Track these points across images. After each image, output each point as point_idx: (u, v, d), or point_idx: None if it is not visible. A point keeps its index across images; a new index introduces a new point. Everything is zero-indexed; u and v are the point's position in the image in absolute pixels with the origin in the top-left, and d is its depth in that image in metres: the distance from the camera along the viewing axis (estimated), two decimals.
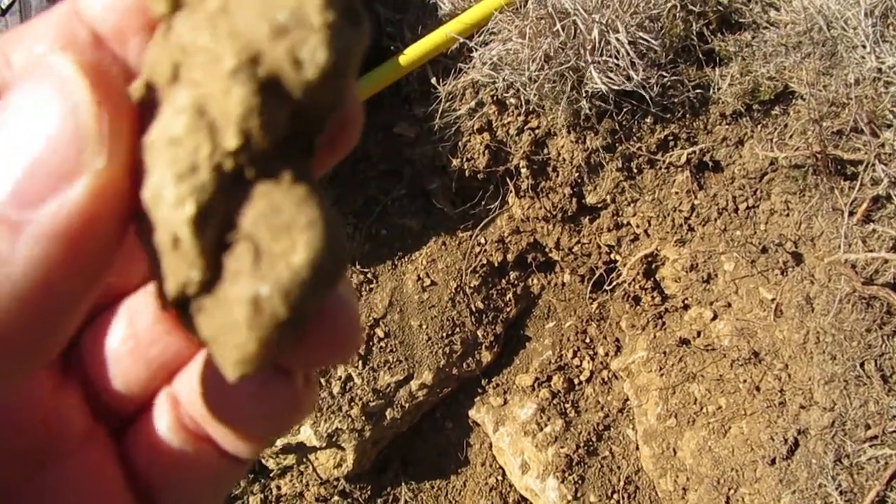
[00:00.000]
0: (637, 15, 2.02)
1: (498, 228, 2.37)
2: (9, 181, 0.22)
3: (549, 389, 2.34)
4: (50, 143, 0.22)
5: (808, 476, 1.85)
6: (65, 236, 0.22)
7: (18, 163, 0.22)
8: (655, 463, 2.14)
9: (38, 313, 0.22)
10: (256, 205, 0.22)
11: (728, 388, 2.09)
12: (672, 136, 2.18)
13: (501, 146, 2.24)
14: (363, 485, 2.41)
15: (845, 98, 1.88)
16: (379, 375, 2.26)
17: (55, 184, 0.22)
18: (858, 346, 1.85)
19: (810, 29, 1.99)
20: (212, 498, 0.33)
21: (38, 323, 0.22)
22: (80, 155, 0.22)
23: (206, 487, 0.33)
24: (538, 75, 2.05)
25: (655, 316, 2.30)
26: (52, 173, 0.22)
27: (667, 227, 2.23)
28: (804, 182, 2.04)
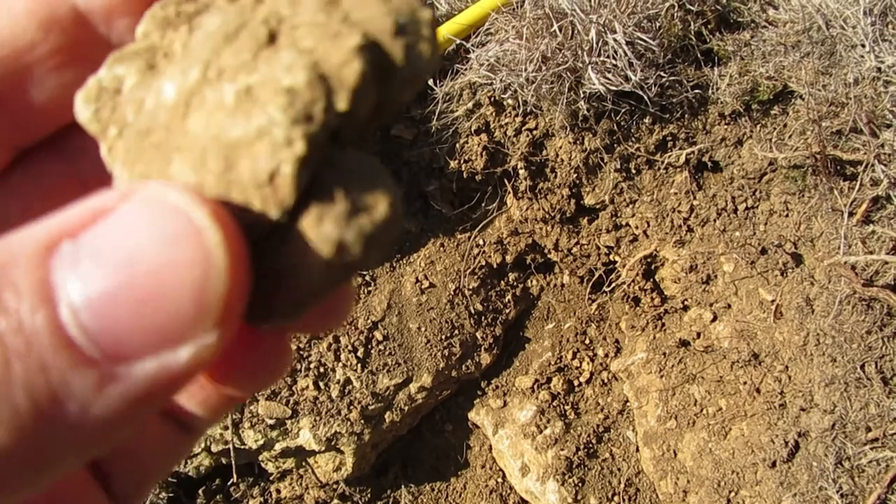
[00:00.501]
0: (635, 15, 2.01)
1: (496, 230, 2.36)
2: (112, 324, 0.20)
3: (549, 391, 2.34)
4: (170, 300, 0.21)
5: (808, 479, 1.84)
6: (149, 397, 0.21)
7: (128, 307, 0.21)
8: (656, 465, 2.13)
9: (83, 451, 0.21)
10: (348, 165, 0.25)
11: (728, 389, 2.08)
12: (671, 136, 2.17)
13: (499, 147, 2.23)
14: (363, 488, 2.40)
15: (844, 98, 1.87)
16: (378, 378, 2.25)
17: (160, 343, 0.21)
18: (859, 348, 1.84)
19: (809, 28, 1.98)
20: (162, 469, 0.33)
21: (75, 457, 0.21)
22: (196, 323, 0.21)
23: (157, 459, 0.33)
24: (536, 76, 2.04)
25: (655, 317, 2.29)
26: (162, 332, 0.21)
27: (666, 227, 2.22)
28: (803, 182, 2.03)
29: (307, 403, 2.20)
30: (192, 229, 0.21)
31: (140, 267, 0.21)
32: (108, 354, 0.20)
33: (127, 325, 0.20)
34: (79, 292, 0.21)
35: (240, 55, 0.25)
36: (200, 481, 2.33)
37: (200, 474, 2.29)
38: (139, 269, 0.21)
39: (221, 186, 0.24)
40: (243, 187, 0.24)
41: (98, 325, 0.20)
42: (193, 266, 0.21)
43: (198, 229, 0.21)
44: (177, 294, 0.21)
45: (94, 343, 0.20)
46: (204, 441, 2.23)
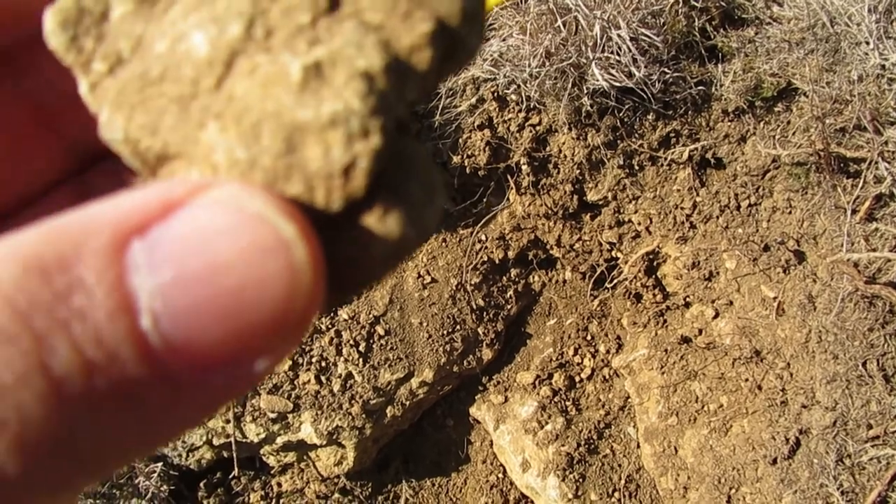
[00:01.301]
0: (639, 11, 2.01)
1: (499, 225, 2.36)
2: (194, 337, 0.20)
3: (550, 387, 2.34)
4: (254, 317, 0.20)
5: (809, 476, 1.84)
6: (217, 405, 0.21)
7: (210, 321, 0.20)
8: (656, 461, 2.14)
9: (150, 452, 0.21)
10: (406, 153, 0.25)
11: (729, 386, 2.08)
12: (674, 132, 2.17)
13: (502, 143, 2.23)
14: (364, 482, 2.41)
15: (848, 95, 1.87)
16: (379, 373, 2.25)
17: (239, 358, 0.20)
18: (861, 346, 1.84)
19: (813, 25, 1.97)
20: None
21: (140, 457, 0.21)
22: (277, 339, 0.21)
23: None
24: (539, 72, 2.04)
25: (657, 313, 2.29)
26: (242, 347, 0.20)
27: (668, 224, 2.22)
28: (806, 180, 2.02)
29: (309, 397, 2.21)
30: (280, 244, 0.20)
31: (225, 280, 0.20)
32: (187, 367, 0.20)
33: (208, 339, 0.20)
34: (160, 302, 0.20)
35: (293, 16, 0.23)
36: (202, 474, 2.34)
37: (202, 467, 2.30)
38: (224, 282, 0.20)
39: (280, 169, 0.23)
40: (308, 175, 0.22)
41: (180, 338, 0.20)
42: (280, 283, 0.20)
43: (286, 244, 0.20)
44: (261, 311, 0.20)
45: (175, 355, 0.20)
46: (206, 434, 2.24)
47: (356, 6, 0.24)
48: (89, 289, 0.19)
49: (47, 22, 0.25)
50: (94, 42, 0.25)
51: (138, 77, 0.24)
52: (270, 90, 0.23)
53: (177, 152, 0.24)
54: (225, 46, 0.23)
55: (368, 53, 0.23)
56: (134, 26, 0.25)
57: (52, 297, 0.19)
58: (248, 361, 0.21)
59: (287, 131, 0.22)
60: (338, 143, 0.22)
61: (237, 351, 0.20)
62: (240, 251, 0.20)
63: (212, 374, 0.20)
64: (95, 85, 0.25)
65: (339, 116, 0.22)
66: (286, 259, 0.20)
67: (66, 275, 0.19)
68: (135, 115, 0.24)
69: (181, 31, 0.24)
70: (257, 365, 0.21)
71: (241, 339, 0.20)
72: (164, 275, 0.20)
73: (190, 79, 0.23)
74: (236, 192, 0.21)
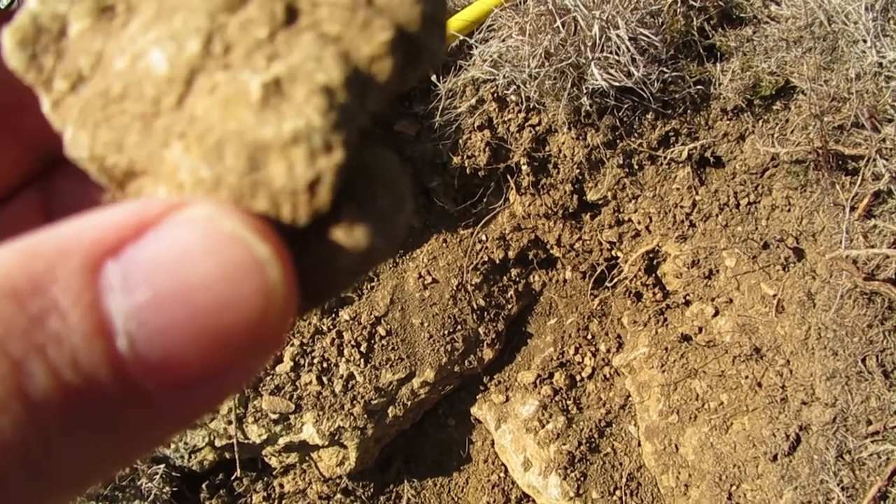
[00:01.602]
0: (637, 11, 2.02)
1: (499, 226, 2.37)
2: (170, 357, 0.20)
3: (551, 386, 2.34)
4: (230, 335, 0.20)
5: (809, 472, 1.85)
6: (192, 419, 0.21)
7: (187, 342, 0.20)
8: (657, 459, 2.14)
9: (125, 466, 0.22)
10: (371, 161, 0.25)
11: (730, 384, 2.09)
12: (673, 132, 2.18)
13: (502, 143, 2.24)
14: (366, 482, 2.41)
15: (846, 93, 1.88)
16: (381, 373, 2.26)
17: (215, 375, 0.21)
18: (860, 342, 1.85)
19: (811, 24, 1.98)
20: None
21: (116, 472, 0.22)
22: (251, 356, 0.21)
23: None
24: (539, 72, 2.05)
25: (657, 312, 2.29)
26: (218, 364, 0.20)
27: (668, 223, 2.23)
28: (805, 177, 2.03)
29: (310, 398, 2.21)
30: (255, 264, 0.20)
31: (200, 301, 0.20)
32: (163, 386, 0.20)
33: (184, 359, 0.20)
34: (136, 323, 0.20)
35: (251, 31, 0.23)
36: (204, 476, 2.34)
37: (204, 469, 2.30)
38: (199, 303, 0.20)
39: (245, 186, 0.22)
40: (273, 191, 0.22)
41: (156, 359, 0.20)
42: (254, 302, 0.20)
43: (260, 264, 0.20)
44: (236, 330, 0.20)
45: (151, 376, 0.20)
46: (208, 436, 2.24)
47: (314, 18, 0.23)
48: (64, 312, 0.19)
49: (5, 41, 0.25)
50: (54, 60, 0.25)
51: (100, 94, 0.24)
52: (231, 109, 0.23)
53: (143, 169, 0.24)
54: (184, 64, 0.23)
55: (328, 67, 0.23)
56: (93, 42, 0.24)
57: (27, 322, 0.19)
58: (222, 378, 0.21)
59: (250, 150, 0.22)
60: (301, 160, 0.22)
61: (212, 369, 0.20)
62: (215, 271, 0.20)
63: (187, 391, 0.20)
64: (58, 103, 0.25)
65: (300, 133, 0.22)
66: (261, 279, 0.20)
67: (41, 298, 0.19)
68: (99, 133, 0.24)
69: (140, 49, 0.24)
70: (230, 380, 0.21)
71: (216, 358, 0.20)
72: (139, 296, 0.20)
73: (151, 97, 0.23)
74: (210, 211, 0.21)
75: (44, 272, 0.19)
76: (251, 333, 0.20)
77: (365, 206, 0.24)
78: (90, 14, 0.24)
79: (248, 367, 0.21)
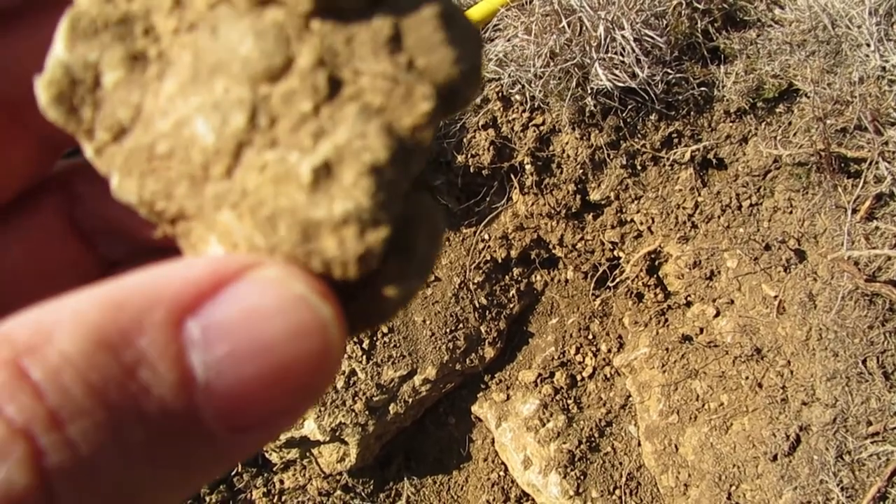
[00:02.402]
0: (642, 12, 2.03)
1: (502, 225, 2.37)
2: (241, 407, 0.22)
3: (552, 385, 2.35)
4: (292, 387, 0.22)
5: (809, 472, 1.86)
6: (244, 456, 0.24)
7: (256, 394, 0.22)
8: (657, 459, 2.15)
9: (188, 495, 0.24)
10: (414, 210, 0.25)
11: (730, 384, 2.10)
12: (676, 133, 2.19)
13: (506, 142, 2.25)
14: (366, 479, 2.42)
15: (849, 96, 1.89)
16: (382, 370, 2.27)
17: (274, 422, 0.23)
18: (861, 343, 1.86)
19: (815, 27, 2.00)
20: None
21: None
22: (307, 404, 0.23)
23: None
24: (543, 72, 2.06)
25: (658, 313, 2.30)
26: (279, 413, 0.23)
27: (670, 224, 2.24)
28: (807, 179, 2.05)
29: None
30: (320, 325, 0.23)
31: (271, 358, 0.22)
32: (232, 431, 0.22)
33: (252, 409, 0.22)
34: (215, 375, 0.22)
35: (295, 104, 0.23)
36: None
37: None
38: (270, 359, 0.22)
39: (299, 254, 0.24)
40: (326, 259, 0.24)
41: (229, 409, 0.22)
42: (317, 359, 0.23)
43: (324, 325, 0.23)
44: (299, 382, 0.23)
45: (224, 422, 0.22)
46: None
47: (356, 87, 0.24)
48: (152, 363, 0.21)
49: (41, 95, 0.25)
50: (92, 110, 0.25)
51: (145, 149, 0.25)
52: (282, 188, 0.23)
53: (193, 215, 0.25)
54: (231, 137, 0.24)
55: (373, 145, 0.23)
56: (130, 94, 0.25)
57: (121, 373, 0.21)
58: (280, 420, 0.23)
59: (303, 226, 0.23)
60: (351, 238, 0.23)
61: (273, 417, 0.23)
62: (285, 330, 0.22)
63: (250, 433, 0.23)
64: (100, 151, 0.25)
65: (350, 215, 0.23)
66: (324, 337, 0.23)
67: (131, 349, 0.21)
68: (146, 182, 0.25)
69: (183, 115, 0.24)
70: (286, 422, 0.23)
71: (280, 405, 0.23)
72: (218, 351, 0.22)
73: (199, 163, 0.24)
74: (281, 273, 0.23)
75: (131, 324, 0.21)
76: (311, 385, 0.23)
77: (407, 255, 0.25)
78: (122, 63, 0.25)
79: (302, 410, 0.24)
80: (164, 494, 0.22)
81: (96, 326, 0.21)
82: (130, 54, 0.25)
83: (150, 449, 0.21)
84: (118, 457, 0.21)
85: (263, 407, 0.22)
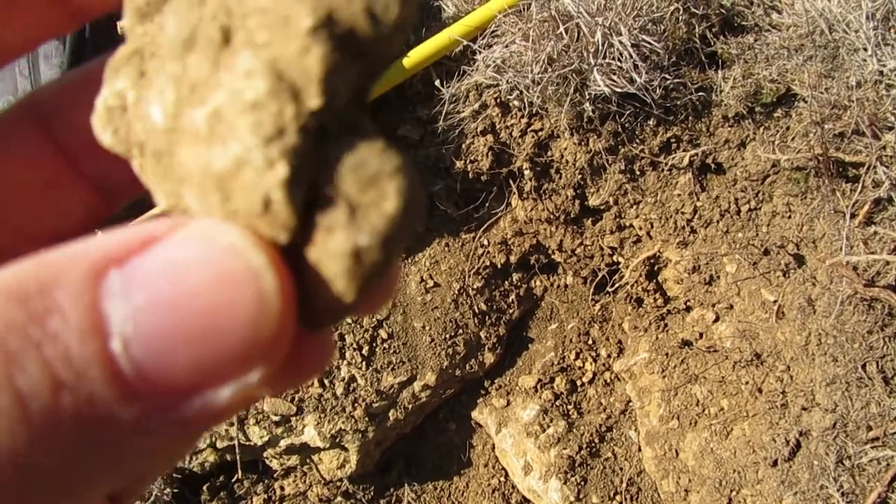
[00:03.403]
0: (640, 18, 2.03)
1: (501, 230, 2.38)
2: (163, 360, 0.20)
3: (552, 391, 2.35)
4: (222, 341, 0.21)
5: (809, 477, 1.85)
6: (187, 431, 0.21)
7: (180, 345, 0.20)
8: (658, 464, 2.15)
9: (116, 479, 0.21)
10: (343, 161, 0.23)
11: (730, 389, 2.09)
12: (674, 138, 2.19)
13: (505, 148, 2.26)
14: (366, 485, 2.42)
15: (847, 101, 1.89)
16: (382, 377, 2.27)
17: (206, 383, 0.21)
18: (860, 348, 1.86)
19: (812, 32, 2.00)
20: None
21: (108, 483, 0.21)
22: (243, 365, 0.21)
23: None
24: (541, 78, 2.07)
25: (658, 318, 2.30)
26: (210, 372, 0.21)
27: (669, 229, 2.24)
28: (806, 184, 2.05)
29: (312, 401, 2.22)
30: (249, 272, 0.21)
31: (194, 306, 0.20)
32: (155, 390, 0.20)
33: (177, 363, 0.20)
34: (131, 326, 0.20)
35: (202, 65, 0.23)
36: (205, 477, 2.34)
37: (205, 470, 2.31)
38: (195, 307, 0.21)
39: (229, 216, 0.23)
40: (246, 217, 0.22)
41: (149, 361, 0.20)
42: (247, 309, 0.21)
43: (255, 272, 0.21)
44: (229, 336, 0.21)
45: (143, 378, 0.20)
46: (209, 437, 2.25)
47: (246, 29, 0.22)
48: (64, 312, 0.20)
49: (95, 127, 0.27)
50: (126, 131, 0.26)
51: (153, 154, 0.25)
52: (196, 148, 0.23)
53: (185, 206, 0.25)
54: (170, 114, 0.24)
55: (255, 81, 0.22)
56: (141, 107, 0.25)
57: (27, 319, 0.20)
58: (216, 389, 0.21)
59: (217, 182, 0.22)
60: (249, 183, 0.22)
61: (203, 376, 0.21)
62: (210, 278, 0.21)
63: (180, 400, 0.21)
64: (142, 166, 0.26)
65: (241, 157, 0.22)
66: (255, 286, 0.21)
67: (44, 299, 0.20)
68: (164, 186, 0.25)
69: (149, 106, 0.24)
70: (224, 391, 0.21)
71: (209, 365, 0.21)
72: (136, 300, 0.20)
73: (165, 150, 0.24)
74: (211, 226, 0.22)
75: (52, 277, 0.20)
76: (244, 342, 0.21)
77: (338, 209, 0.23)
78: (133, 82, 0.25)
79: (243, 379, 0.21)
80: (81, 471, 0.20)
81: (17, 280, 0.20)
82: (139, 71, 0.25)
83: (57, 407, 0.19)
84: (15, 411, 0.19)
85: (190, 365, 0.20)
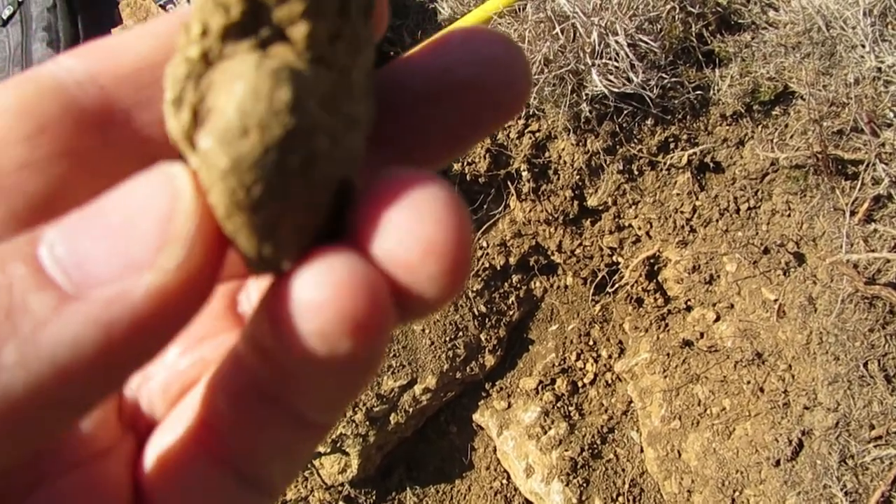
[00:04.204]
0: (636, 17, 2.02)
1: (500, 232, 2.37)
2: (80, 250, 0.21)
3: (553, 392, 2.34)
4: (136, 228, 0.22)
5: (812, 477, 1.84)
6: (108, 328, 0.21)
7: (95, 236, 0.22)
8: (660, 465, 2.14)
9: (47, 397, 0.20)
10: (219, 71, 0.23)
11: (732, 389, 2.09)
12: (672, 137, 2.18)
13: (502, 150, 2.25)
14: (368, 490, 2.41)
15: (845, 98, 1.88)
16: (383, 380, 2.26)
17: (123, 270, 0.21)
18: (861, 347, 1.85)
19: (809, 29, 1.99)
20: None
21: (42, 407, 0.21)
22: (158, 250, 0.21)
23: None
24: (538, 79, 2.06)
25: (658, 318, 2.29)
26: (124, 257, 0.21)
27: (668, 228, 2.23)
28: (805, 182, 2.04)
29: None
30: (166, 176, 0.22)
31: (114, 204, 0.22)
32: (72, 280, 0.21)
33: (93, 252, 0.21)
34: (55, 231, 0.22)
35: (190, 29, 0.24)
36: None
37: None
38: (110, 204, 0.22)
39: None
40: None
41: (66, 253, 0.21)
42: (160, 198, 0.22)
43: (170, 175, 0.22)
44: (142, 222, 0.21)
45: (62, 269, 0.21)
46: None
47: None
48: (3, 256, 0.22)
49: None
50: None
51: None
52: None
53: None
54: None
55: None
56: None
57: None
58: (132, 274, 0.21)
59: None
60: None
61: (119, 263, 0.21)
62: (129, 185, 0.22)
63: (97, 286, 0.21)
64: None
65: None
66: (169, 183, 0.22)
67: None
68: None
69: None
70: (142, 278, 0.21)
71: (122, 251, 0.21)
72: (65, 219, 0.22)
73: None
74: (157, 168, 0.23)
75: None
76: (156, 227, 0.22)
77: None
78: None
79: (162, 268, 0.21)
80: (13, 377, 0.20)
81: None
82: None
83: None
84: None
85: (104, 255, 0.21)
